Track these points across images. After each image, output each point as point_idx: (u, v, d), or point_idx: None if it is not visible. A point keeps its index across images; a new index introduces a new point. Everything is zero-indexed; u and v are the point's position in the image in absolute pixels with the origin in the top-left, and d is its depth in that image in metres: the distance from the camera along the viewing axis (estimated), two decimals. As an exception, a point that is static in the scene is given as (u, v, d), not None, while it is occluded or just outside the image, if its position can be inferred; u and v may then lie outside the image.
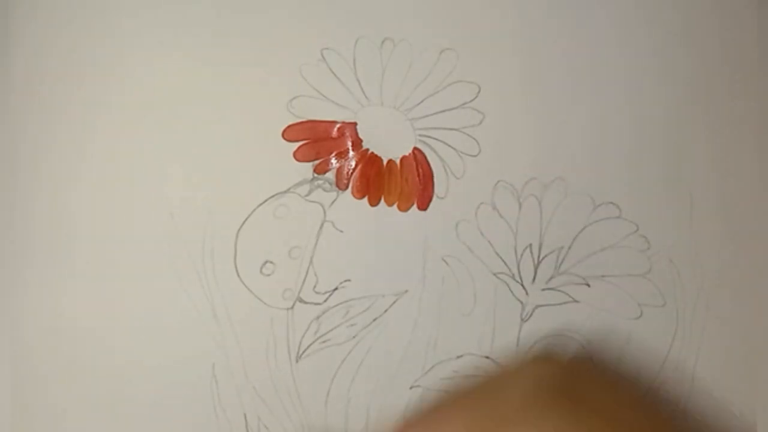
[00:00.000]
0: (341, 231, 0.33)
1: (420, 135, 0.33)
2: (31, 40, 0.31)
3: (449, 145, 0.33)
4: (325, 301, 0.33)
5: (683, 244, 0.34)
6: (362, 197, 0.33)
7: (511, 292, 0.34)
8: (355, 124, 0.32)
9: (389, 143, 0.33)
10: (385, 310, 0.33)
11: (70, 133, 0.31)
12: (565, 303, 0.33)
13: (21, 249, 0.32)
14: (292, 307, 0.33)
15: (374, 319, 0.33)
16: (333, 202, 0.33)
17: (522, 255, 0.34)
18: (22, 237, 0.31)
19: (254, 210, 0.32)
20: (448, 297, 0.33)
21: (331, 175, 0.32)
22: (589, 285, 0.34)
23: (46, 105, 0.31)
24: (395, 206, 0.33)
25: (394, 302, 0.33)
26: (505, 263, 0.34)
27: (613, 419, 0.24)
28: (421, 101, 0.32)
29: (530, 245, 0.33)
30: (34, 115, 0.31)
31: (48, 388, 0.32)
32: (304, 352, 0.33)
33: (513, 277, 0.34)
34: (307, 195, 0.32)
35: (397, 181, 0.33)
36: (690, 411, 0.33)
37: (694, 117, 0.34)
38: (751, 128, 0.34)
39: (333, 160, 0.32)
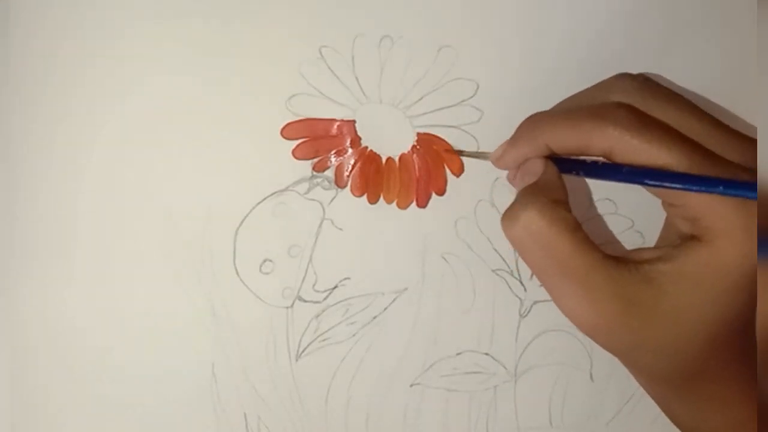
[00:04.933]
0: (340, 229, 0.33)
1: (419, 132, 0.33)
2: (33, 44, 0.31)
3: (448, 143, 0.33)
4: (324, 299, 0.33)
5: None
6: (361, 195, 0.33)
7: (510, 288, 0.34)
8: (353, 121, 0.32)
9: (388, 141, 0.33)
10: (385, 308, 0.33)
11: (69, 134, 0.31)
12: (563, 299, 0.34)
13: (20, 250, 0.31)
14: (292, 306, 0.33)
15: (374, 317, 0.33)
16: (332, 200, 0.32)
17: (521, 252, 0.34)
18: (21, 238, 0.31)
19: (253, 208, 0.32)
20: (448, 294, 0.34)
21: (330, 173, 0.32)
22: (587, 281, 0.34)
23: (45, 107, 0.31)
24: (394, 204, 0.33)
25: (394, 300, 0.33)
26: (503, 260, 0.34)
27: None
28: (420, 99, 0.32)
29: (529, 242, 0.34)
30: (34, 117, 0.31)
31: (47, 388, 0.32)
32: (303, 350, 0.33)
33: (511, 273, 0.34)
34: (306, 193, 0.32)
35: (396, 179, 0.33)
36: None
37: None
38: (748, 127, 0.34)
39: (332, 158, 0.32)
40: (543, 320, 0.34)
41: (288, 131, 0.32)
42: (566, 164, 0.29)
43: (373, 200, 0.33)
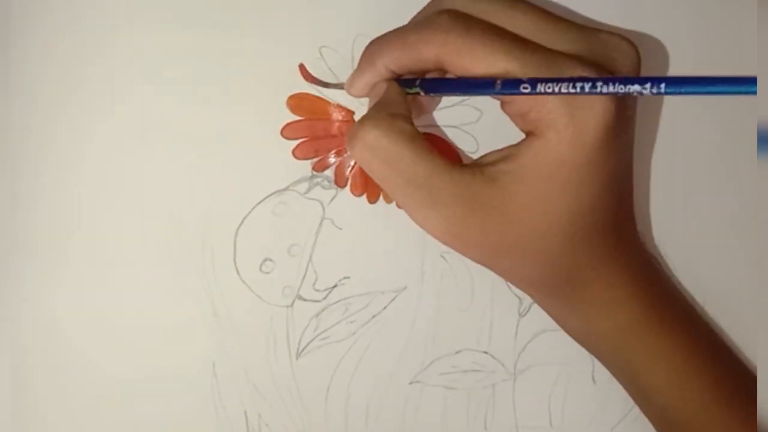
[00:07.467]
0: (340, 228, 0.33)
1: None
2: (32, 43, 0.31)
3: (446, 140, 0.33)
4: (324, 298, 0.33)
5: (677, 242, 0.35)
6: (361, 194, 0.33)
7: (509, 287, 0.34)
8: (353, 121, 0.32)
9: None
10: (384, 307, 0.33)
11: (70, 133, 0.31)
12: (562, 298, 0.34)
13: (19, 251, 0.31)
14: (292, 305, 0.33)
15: (373, 316, 0.33)
16: (332, 200, 0.33)
17: (519, 251, 0.34)
18: (21, 236, 0.31)
19: (253, 208, 0.32)
20: (447, 293, 0.34)
21: (329, 172, 0.33)
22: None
23: (45, 106, 0.31)
24: (394, 203, 0.33)
25: (393, 299, 0.33)
26: (502, 259, 0.34)
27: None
28: (419, 98, 0.32)
29: (528, 241, 0.34)
30: (34, 115, 0.31)
31: (47, 385, 0.32)
32: (303, 349, 0.33)
33: (510, 272, 0.34)
34: (306, 192, 0.32)
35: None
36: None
37: (691, 119, 0.34)
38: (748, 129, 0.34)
39: (332, 158, 0.32)
40: (542, 319, 0.34)
41: (288, 131, 0.32)
42: (411, 83, 0.29)
43: (372, 200, 0.33)
